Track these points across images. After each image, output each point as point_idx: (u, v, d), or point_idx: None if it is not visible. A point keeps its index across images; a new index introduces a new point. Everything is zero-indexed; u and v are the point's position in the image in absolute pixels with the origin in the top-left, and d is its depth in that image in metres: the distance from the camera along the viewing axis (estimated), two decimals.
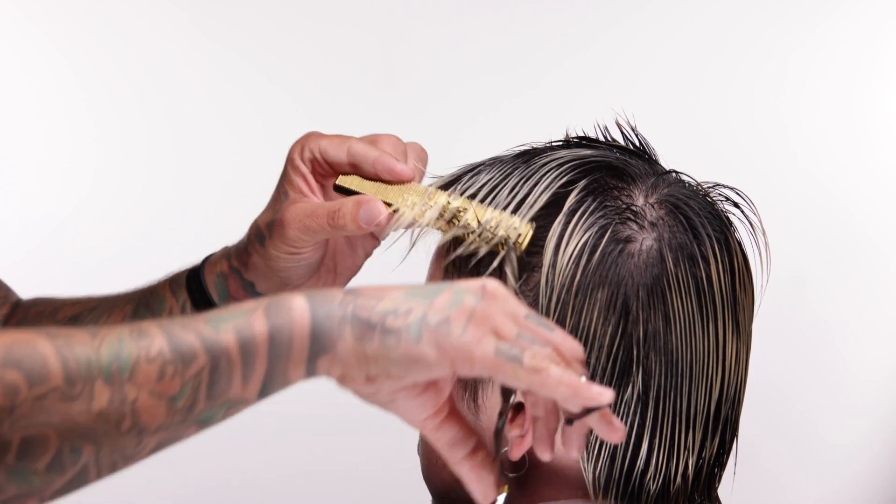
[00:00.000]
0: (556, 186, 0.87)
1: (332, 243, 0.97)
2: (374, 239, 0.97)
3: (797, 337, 2.06)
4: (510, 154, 0.92)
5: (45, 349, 0.66)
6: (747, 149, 2.05)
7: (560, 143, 0.93)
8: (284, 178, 0.95)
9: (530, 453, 0.86)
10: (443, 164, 0.97)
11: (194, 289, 1.01)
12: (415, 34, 2.08)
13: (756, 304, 0.91)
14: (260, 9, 2.05)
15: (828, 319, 2.09)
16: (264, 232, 0.95)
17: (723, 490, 0.92)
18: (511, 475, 0.87)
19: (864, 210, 2.08)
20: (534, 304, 0.85)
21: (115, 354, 0.67)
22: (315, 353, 0.70)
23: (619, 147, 0.92)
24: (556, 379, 0.71)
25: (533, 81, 2.06)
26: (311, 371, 0.71)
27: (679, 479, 0.86)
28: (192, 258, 1.05)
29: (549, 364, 0.71)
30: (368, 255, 1.00)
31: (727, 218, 0.90)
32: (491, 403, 0.87)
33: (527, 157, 0.90)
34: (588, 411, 0.72)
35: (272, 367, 0.70)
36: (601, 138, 0.93)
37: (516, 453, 0.85)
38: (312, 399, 2.01)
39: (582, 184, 0.87)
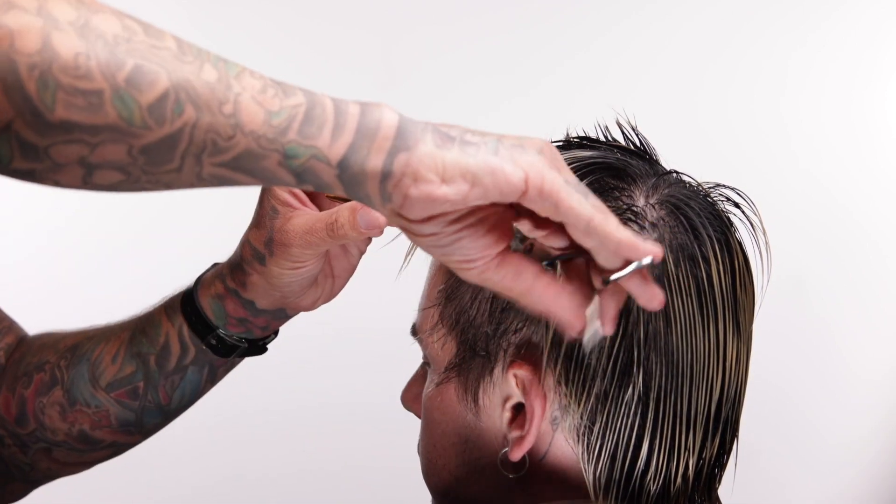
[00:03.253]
0: None
1: (328, 250, 0.98)
2: (367, 237, 0.97)
3: (797, 337, 2.06)
4: None
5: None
6: (747, 149, 2.05)
7: (560, 143, 0.93)
8: (267, 195, 0.96)
9: (531, 454, 0.86)
10: None
11: (189, 312, 1.02)
12: (415, 34, 2.08)
13: (757, 305, 0.91)
14: (260, 9, 2.05)
15: (828, 319, 2.09)
16: (262, 251, 0.96)
17: (723, 490, 0.92)
18: (511, 476, 0.87)
19: (864, 210, 2.08)
20: None
21: (222, 57, 0.69)
22: (396, 148, 0.71)
23: (620, 147, 0.92)
24: (616, 221, 0.70)
25: (533, 81, 2.06)
26: (387, 165, 0.70)
27: (679, 479, 0.86)
28: (193, 258, 1.05)
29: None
30: (363, 252, 1.01)
31: (728, 218, 0.90)
32: (492, 403, 0.87)
33: None
34: (622, 275, 0.71)
35: (357, 142, 0.70)
36: (602, 138, 0.93)
37: (517, 454, 0.85)
38: (312, 398, 2.01)
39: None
